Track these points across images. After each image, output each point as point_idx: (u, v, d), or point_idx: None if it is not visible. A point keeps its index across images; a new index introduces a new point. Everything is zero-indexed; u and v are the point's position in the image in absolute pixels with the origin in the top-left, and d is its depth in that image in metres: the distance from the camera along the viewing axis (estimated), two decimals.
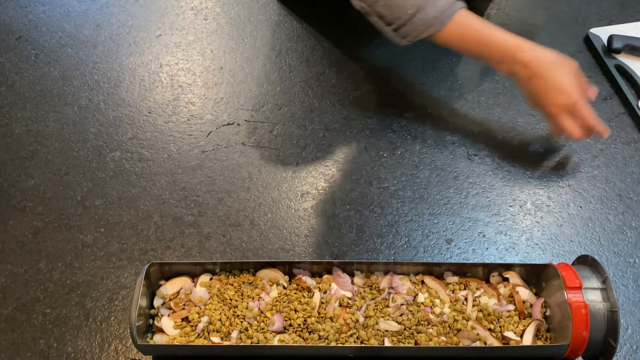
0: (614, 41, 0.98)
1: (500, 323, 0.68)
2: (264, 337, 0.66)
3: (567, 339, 0.63)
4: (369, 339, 0.66)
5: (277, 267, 0.73)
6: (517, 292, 0.70)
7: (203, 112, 0.97)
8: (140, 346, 0.64)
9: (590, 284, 0.66)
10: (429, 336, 0.66)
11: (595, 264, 0.68)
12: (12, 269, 0.79)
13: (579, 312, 0.63)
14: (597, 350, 0.65)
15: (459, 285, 0.71)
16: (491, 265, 0.72)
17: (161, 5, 1.15)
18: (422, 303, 0.69)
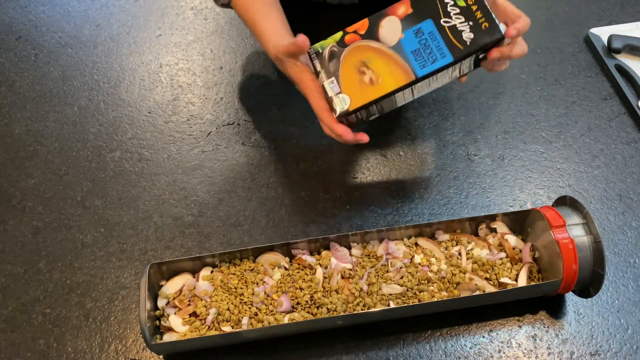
0: (614, 41, 0.98)
1: (495, 271, 0.72)
2: (275, 319, 0.68)
3: (558, 275, 0.67)
4: (375, 304, 0.69)
5: (276, 250, 0.74)
6: (506, 240, 0.74)
7: (203, 112, 0.97)
8: (153, 346, 0.64)
9: (573, 221, 0.70)
10: (431, 293, 0.70)
11: (574, 202, 0.72)
12: (12, 269, 0.79)
13: (567, 247, 0.67)
14: (587, 282, 0.69)
15: (451, 242, 0.75)
16: (478, 218, 0.77)
17: (161, 5, 1.15)
18: (419, 263, 0.72)
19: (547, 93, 0.97)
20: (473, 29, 0.65)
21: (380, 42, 0.68)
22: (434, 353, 0.70)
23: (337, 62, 0.68)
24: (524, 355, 0.70)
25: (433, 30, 0.66)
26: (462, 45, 0.65)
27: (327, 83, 0.69)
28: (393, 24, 0.67)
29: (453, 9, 0.66)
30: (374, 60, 0.67)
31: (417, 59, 0.66)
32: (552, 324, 0.72)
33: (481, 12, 0.65)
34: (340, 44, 0.69)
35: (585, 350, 0.70)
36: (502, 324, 0.73)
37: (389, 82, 0.67)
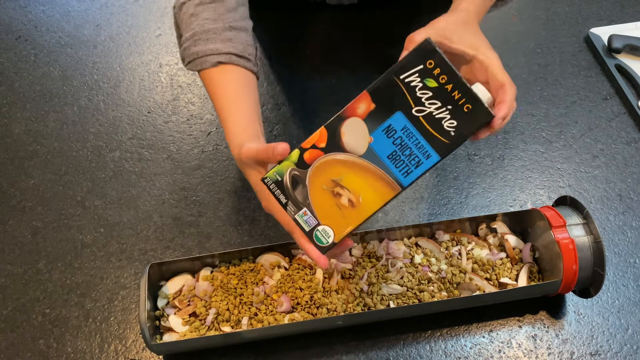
0: (614, 41, 0.98)
1: (495, 271, 0.72)
2: (274, 319, 0.68)
3: (559, 275, 0.67)
4: (375, 304, 0.68)
5: (276, 250, 0.74)
6: (506, 240, 0.74)
7: (203, 112, 0.96)
8: (153, 346, 0.64)
9: (573, 221, 0.69)
10: (431, 293, 0.69)
11: (574, 202, 0.72)
12: (12, 269, 0.79)
13: (567, 247, 0.67)
14: (587, 282, 0.69)
15: (451, 242, 0.75)
16: (478, 218, 0.76)
17: (161, 5, 1.15)
18: (420, 263, 0.72)
19: (548, 93, 0.97)
20: (454, 114, 0.52)
21: (347, 152, 0.55)
22: (434, 353, 0.70)
23: (304, 188, 0.55)
24: (524, 355, 0.70)
25: (406, 124, 0.53)
26: (446, 137, 0.53)
27: (300, 216, 0.56)
28: (356, 126, 0.54)
29: (424, 93, 0.53)
30: (347, 177, 0.55)
31: (397, 165, 0.54)
32: (552, 324, 0.72)
33: (459, 91, 0.52)
34: (301, 165, 0.55)
35: (586, 351, 0.70)
36: (502, 324, 0.72)
37: (372, 199, 0.55)
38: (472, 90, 0.52)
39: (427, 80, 0.52)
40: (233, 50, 0.69)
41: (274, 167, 0.56)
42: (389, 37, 1.05)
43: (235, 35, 0.70)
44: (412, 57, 0.53)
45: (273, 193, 0.56)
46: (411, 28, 1.12)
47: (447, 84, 0.52)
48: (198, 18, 0.69)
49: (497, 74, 0.56)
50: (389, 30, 1.06)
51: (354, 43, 1.05)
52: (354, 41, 1.06)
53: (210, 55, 0.68)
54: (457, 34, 0.58)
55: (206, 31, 0.68)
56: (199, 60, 0.69)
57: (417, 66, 0.53)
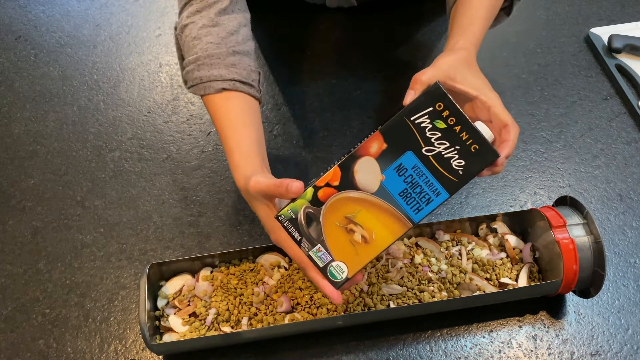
0: (614, 41, 0.98)
1: (495, 271, 0.72)
2: (274, 319, 0.68)
3: (559, 275, 0.67)
4: (375, 304, 0.69)
5: (276, 251, 0.74)
6: (506, 240, 0.74)
7: (203, 112, 0.96)
8: (153, 346, 0.64)
9: (573, 221, 0.69)
10: (431, 293, 0.69)
11: (574, 202, 0.72)
12: (12, 269, 0.79)
13: (567, 247, 0.67)
14: (588, 282, 0.69)
15: (451, 242, 0.75)
16: (478, 219, 0.76)
17: (161, 5, 1.15)
18: (420, 264, 0.72)
19: (548, 93, 0.97)
20: (462, 154, 0.55)
21: (359, 190, 0.57)
22: (434, 353, 0.70)
23: (318, 225, 0.57)
24: (524, 355, 0.70)
25: (417, 163, 0.56)
26: (454, 175, 0.56)
27: (314, 253, 0.58)
28: (369, 165, 0.56)
29: (433, 133, 0.55)
30: (360, 214, 0.57)
31: (408, 202, 0.57)
32: (553, 324, 0.72)
33: (466, 132, 0.55)
34: (315, 202, 0.57)
35: (586, 351, 0.70)
36: (502, 324, 0.72)
37: (384, 235, 0.57)
38: (479, 131, 0.55)
39: (437, 121, 0.55)
40: (237, 77, 0.69)
41: (288, 205, 0.57)
42: (388, 38, 1.05)
43: (238, 61, 0.69)
44: (422, 100, 0.56)
45: (287, 230, 0.58)
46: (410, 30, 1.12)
47: (456, 126, 0.55)
48: (201, 42, 0.69)
49: (500, 115, 0.59)
50: (388, 32, 1.06)
51: (353, 44, 1.06)
52: (353, 42, 1.06)
53: (214, 81, 0.68)
54: (461, 74, 0.61)
55: (210, 56, 0.68)
56: (202, 85, 0.69)
57: (427, 108, 0.55)
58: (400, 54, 1.03)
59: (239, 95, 0.69)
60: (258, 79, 0.72)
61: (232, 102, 0.69)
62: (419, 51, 1.03)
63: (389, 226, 0.57)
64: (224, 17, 0.70)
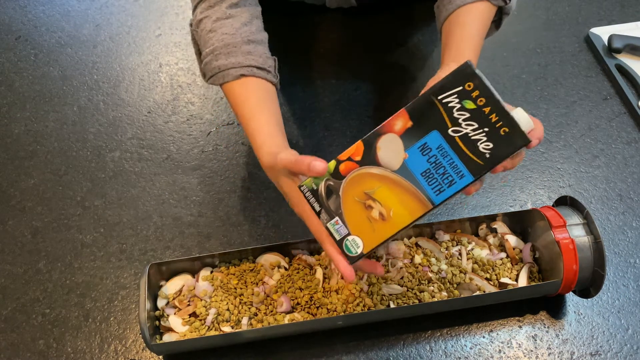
0: (614, 41, 0.98)
1: (495, 271, 0.72)
2: (274, 319, 0.68)
3: (559, 275, 0.67)
4: (375, 304, 0.68)
5: (276, 251, 0.74)
6: (506, 240, 0.74)
7: (203, 112, 0.96)
8: (153, 346, 0.64)
9: (573, 221, 0.69)
10: (431, 293, 0.69)
11: (574, 202, 0.72)
12: (12, 269, 0.79)
13: (567, 247, 0.66)
14: (588, 282, 0.69)
15: (451, 242, 0.75)
16: (478, 219, 0.76)
17: (161, 5, 1.15)
18: (420, 264, 0.72)
19: (548, 93, 0.97)
20: (490, 136, 0.53)
21: (381, 166, 0.56)
22: (434, 353, 0.70)
23: (337, 198, 0.57)
24: (524, 355, 0.70)
25: (442, 143, 0.54)
26: (481, 159, 0.53)
27: (332, 225, 0.57)
28: (392, 142, 0.55)
29: (461, 114, 0.53)
30: (379, 190, 0.56)
31: (429, 183, 0.55)
32: (553, 324, 0.72)
33: (496, 113, 0.52)
34: (336, 176, 0.57)
35: (586, 351, 0.70)
36: (502, 324, 0.72)
37: (402, 214, 0.56)
38: (509, 114, 0.52)
39: (465, 101, 0.53)
40: (254, 63, 0.71)
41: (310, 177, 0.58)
42: (387, 39, 1.05)
43: (254, 49, 0.72)
44: (451, 79, 0.53)
45: (308, 200, 0.58)
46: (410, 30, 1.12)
47: (485, 107, 0.53)
48: (217, 34, 0.71)
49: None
50: (388, 32, 1.06)
51: (353, 44, 1.06)
52: (353, 43, 1.06)
53: (232, 69, 0.70)
54: None
55: (226, 45, 0.70)
56: (221, 74, 0.71)
57: (456, 87, 0.53)
58: (399, 55, 1.03)
59: (257, 80, 0.71)
60: (274, 65, 0.74)
61: (250, 87, 0.71)
62: (418, 51, 1.03)
63: (408, 205, 0.56)
64: (236, 9, 0.73)
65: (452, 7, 0.71)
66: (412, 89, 0.98)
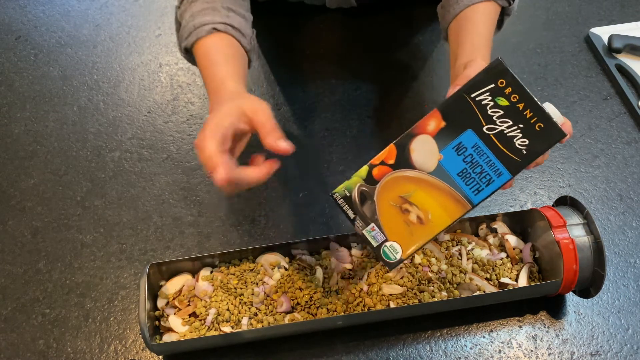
0: (614, 41, 0.98)
1: (495, 271, 0.72)
2: (274, 319, 0.68)
3: (559, 275, 0.67)
4: (375, 304, 0.68)
5: (276, 251, 0.74)
6: (506, 240, 0.74)
7: (203, 112, 0.96)
8: (153, 346, 0.64)
9: (573, 221, 0.69)
10: (431, 293, 0.69)
11: (574, 202, 0.72)
12: (12, 269, 0.79)
13: (567, 247, 0.66)
14: (588, 282, 0.69)
15: (451, 242, 0.75)
16: (478, 219, 0.76)
17: (161, 5, 1.15)
18: (420, 264, 0.72)
19: (548, 93, 0.97)
20: (525, 132, 0.53)
21: (416, 169, 0.55)
22: (434, 353, 0.70)
23: (372, 204, 0.56)
24: (524, 355, 0.70)
25: (477, 142, 0.54)
26: (517, 155, 0.53)
27: (368, 232, 0.57)
28: (426, 144, 0.55)
29: (495, 111, 0.53)
30: (416, 194, 0.55)
31: (467, 182, 0.54)
32: (553, 324, 0.72)
33: (530, 109, 0.52)
34: (369, 181, 0.56)
35: (586, 351, 0.70)
36: (502, 324, 0.72)
37: (441, 216, 0.55)
38: (544, 109, 0.52)
39: (498, 99, 0.53)
40: (229, 22, 0.69)
41: (343, 183, 0.57)
42: (388, 39, 1.05)
43: (233, 15, 0.70)
44: (483, 77, 0.53)
45: (341, 208, 0.57)
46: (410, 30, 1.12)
47: (519, 103, 0.53)
48: (197, 3, 0.70)
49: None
50: (388, 32, 1.06)
51: (353, 45, 1.06)
52: (353, 43, 1.06)
53: (206, 25, 0.68)
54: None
55: (204, 9, 0.69)
56: (195, 32, 0.68)
57: (489, 85, 0.53)
58: (400, 55, 1.03)
59: (229, 38, 0.69)
60: (252, 35, 0.72)
61: (222, 43, 0.68)
62: (418, 52, 1.03)
63: (446, 207, 0.55)
64: None
65: (459, 7, 0.71)
66: (412, 89, 0.98)
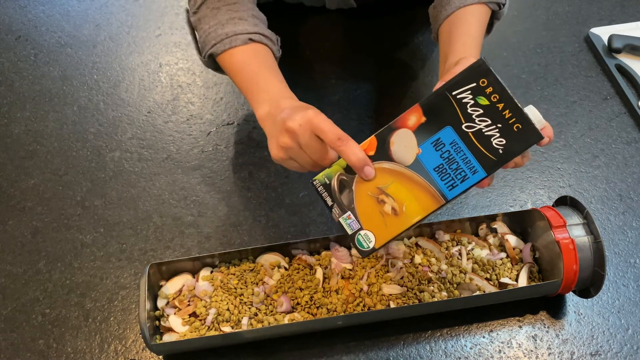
0: (614, 41, 0.98)
1: (495, 271, 0.72)
2: (274, 319, 0.68)
3: (559, 275, 0.67)
4: (375, 304, 0.68)
5: (276, 251, 0.74)
6: (506, 240, 0.74)
7: (202, 112, 0.96)
8: (153, 346, 0.64)
9: (573, 221, 0.69)
10: (431, 293, 0.69)
11: (574, 202, 0.72)
12: (12, 269, 0.79)
13: (567, 248, 0.66)
14: (588, 282, 0.69)
15: (452, 242, 0.75)
16: (478, 219, 0.76)
17: (161, 5, 1.15)
18: (420, 264, 0.72)
19: (548, 93, 0.97)
20: (503, 132, 0.53)
21: (394, 162, 0.56)
22: (434, 353, 0.70)
23: (350, 193, 0.57)
24: (524, 355, 0.70)
25: (455, 139, 0.55)
26: (494, 154, 0.54)
27: (344, 219, 0.58)
28: (405, 138, 0.56)
29: (475, 110, 0.54)
30: (392, 185, 0.56)
31: (442, 178, 0.55)
32: (553, 324, 0.72)
33: (509, 109, 0.53)
34: (349, 170, 0.57)
35: (586, 351, 0.70)
36: (502, 324, 0.72)
37: (415, 209, 0.56)
38: (523, 110, 0.53)
39: (479, 98, 0.54)
40: (262, 32, 0.72)
41: (323, 171, 0.58)
42: (387, 40, 1.05)
43: (260, 23, 0.74)
44: (465, 75, 0.54)
45: (320, 195, 0.59)
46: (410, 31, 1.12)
47: (499, 103, 0.54)
48: (221, 10, 0.72)
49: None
50: (388, 33, 1.06)
51: (353, 45, 1.06)
52: (353, 43, 1.06)
53: (240, 35, 0.71)
54: None
55: (232, 18, 0.71)
56: (228, 39, 0.71)
57: (470, 84, 0.54)
58: (399, 55, 1.03)
59: (265, 48, 0.73)
60: (278, 42, 0.76)
61: (260, 52, 0.72)
62: (418, 52, 1.03)
63: (421, 201, 0.56)
64: None
65: (451, 8, 0.72)
66: (412, 89, 0.98)
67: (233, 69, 0.72)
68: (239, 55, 0.71)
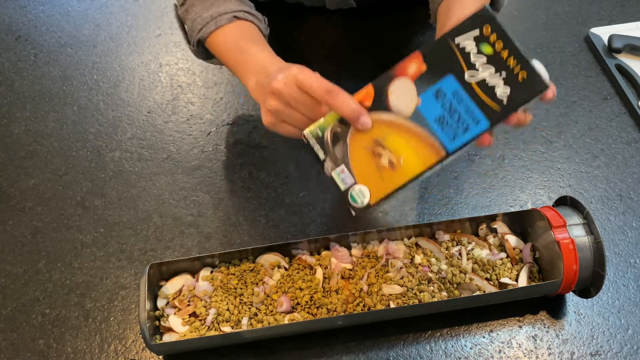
0: (614, 41, 0.98)
1: (495, 271, 0.72)
2: (274, 319, 0.68)
3: (559, 275, 0.67)
4: (375, 304, 0.68)
5: (276, 251, 0.74)
6: (506, 240, 0.74)
7: (203, 112, 0.96)
8: (153, 346, 0.64)
9: (573, 221, 0.69)
10: (431, 293, 0.69)
11: (574, 202, 0.72)
12: (12, 269, 0.79)
13: (567, 248, 0.66)
14: (588, 282, 0.69)
15: (452, 242, 0.75)
16: (478, 219, 0.76)
17: (161, 5, 1.15)
18: (420, 264, 0.72)
19: None
20: (508, 81, 0.50)
21: (392, 112, 0.53)
22: (434, 353, 0.70)
23: (344, 145, 0.54)
24: (524, 355, 0.70)
25: (457, 88, 0.52)
26: (498, 104, 0.51)
27: (337, 173, 0.54)
28: (405, 87, 0.53)
29: (478, 57, 0.51)
30: (390, 137, 0.53)
31: (443, 129, 0.52)
32: (553, 324, 0.72)
33: (514, 57, 0.50)
34: (344, 121, 0.54)
35: (586, 351, 0.70)
36: (502, 324, 0.72)
37: (414, 162, 0.53)
38: (527, 58, 0.50)
39: (483, 45, 0.51)
40: (247, 9, 0.71)
41: (317, 122, 0.55)
42: (387, 40, 1.05)
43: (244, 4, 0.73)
44: (468, 22, 0.52)
45: (312, 148, 0.55)
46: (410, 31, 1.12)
47: (503, 51, 0.51)
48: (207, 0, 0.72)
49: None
50: (388, 33, 1.06)
51: (353, 45, 1.06)
52: (353, 43, 1.06)
53: (225, 14, 0.70)
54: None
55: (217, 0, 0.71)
56: (213, 21, 0.70)
57: (473, 30, 0.51)
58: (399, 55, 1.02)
59: (251, 24, 0.71)
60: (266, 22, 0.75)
61: (246, 27, 0.70)
62: None
63: (420, 153, 0.53)
64: None
65: None
66: None
67: (221, 50, 0.71)
68: (225, 35, 0.70)
